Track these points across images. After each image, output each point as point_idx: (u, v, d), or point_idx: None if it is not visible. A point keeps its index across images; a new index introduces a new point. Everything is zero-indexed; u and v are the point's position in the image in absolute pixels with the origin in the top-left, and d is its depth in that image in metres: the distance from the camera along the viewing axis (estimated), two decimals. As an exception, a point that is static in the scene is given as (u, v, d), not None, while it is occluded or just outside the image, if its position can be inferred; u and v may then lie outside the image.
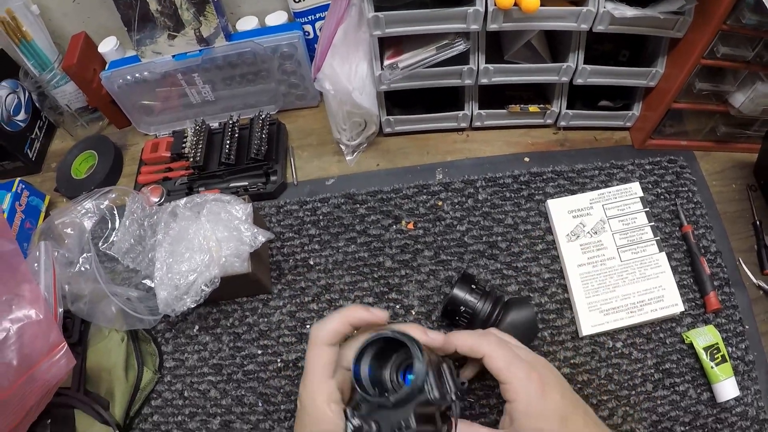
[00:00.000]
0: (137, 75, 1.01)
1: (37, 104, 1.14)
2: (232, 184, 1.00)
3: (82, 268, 0.85)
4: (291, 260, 0.94)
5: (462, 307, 0.77)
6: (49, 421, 0.78)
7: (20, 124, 1.12)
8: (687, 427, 0.77)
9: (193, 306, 0.79)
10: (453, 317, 0.79)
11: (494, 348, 0.65)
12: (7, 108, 1.09)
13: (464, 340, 0.66)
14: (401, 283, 0.89)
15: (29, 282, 0.75)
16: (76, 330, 0.85)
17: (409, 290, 0.88)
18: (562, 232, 0.89)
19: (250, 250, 0.81)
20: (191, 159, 0.99)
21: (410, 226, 0.94)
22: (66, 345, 0.73)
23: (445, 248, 0.92)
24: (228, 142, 0.99)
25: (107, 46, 1.06)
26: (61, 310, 0.80)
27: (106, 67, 1.05)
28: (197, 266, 0.79)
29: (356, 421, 0.55)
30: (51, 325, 0.74)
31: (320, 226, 0.96)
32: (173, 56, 1.00)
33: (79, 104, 1.13)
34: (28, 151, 1.13)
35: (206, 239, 0.80)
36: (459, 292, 0.78)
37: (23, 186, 1.04)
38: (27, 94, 1.14)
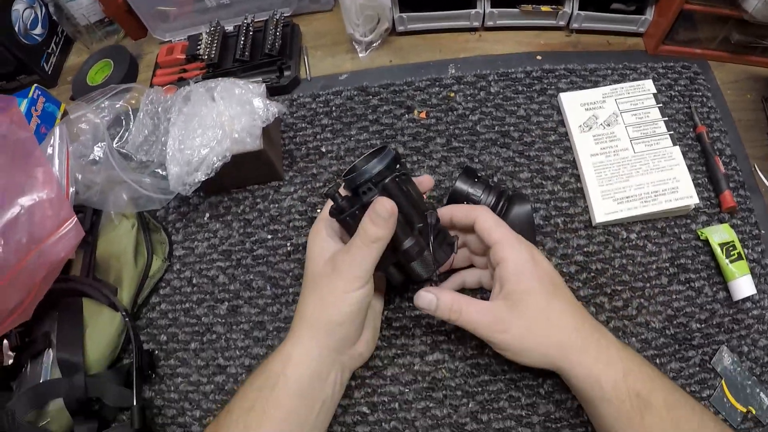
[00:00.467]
0: (153, -21, 1.02)
1: (54, 17, 1.14)
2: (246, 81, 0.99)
3: (96, 157, 0.85)
4: (303, 148, 0.93)
5: (465, 201, 0.76)
6: (58, 312, 0.78)
7: (37, 38, 1.12)
8: (703, 325, 0.76)
9: (204, 179, 0.79)
10: None
11: (486, 213, 0.67)
12: (24, 22, 1.08)
13: (459, 208, 0.70)
14: (413, 169, 0.89)
15: (43, 165, 0.76)
16: (87, 220, 0.85)
17: (421, 175, 0.87)
18: (574, 124, 0.88)
19: (263, 125, 0.80)
20: (206, 58, 0.99)
21: (422, 115, 0.93)
22: (75, 218, 0.74)
23: (457, 136, 0.91)
24: (242, 40, 0.99)
25: (123, -49, 1.06)
26: (73, 189, 0.80)
27: (123, -28, 1.05)
28: (209, 141, 0.79)
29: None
30: (62, 203, 0.75)
31: (333, 117, 0.96)
32: (189, -45, 1.00)
33: (96, 17, 1.13)
34: (45, 64, 1.13)
35: (219, 115, 0.80)
36: (462, 185, 0.77)
37: (39, 92, 1.03)
38: (44, 8, 1.13)
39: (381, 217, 0.59)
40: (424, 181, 0.71)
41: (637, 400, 0.58)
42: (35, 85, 1.04)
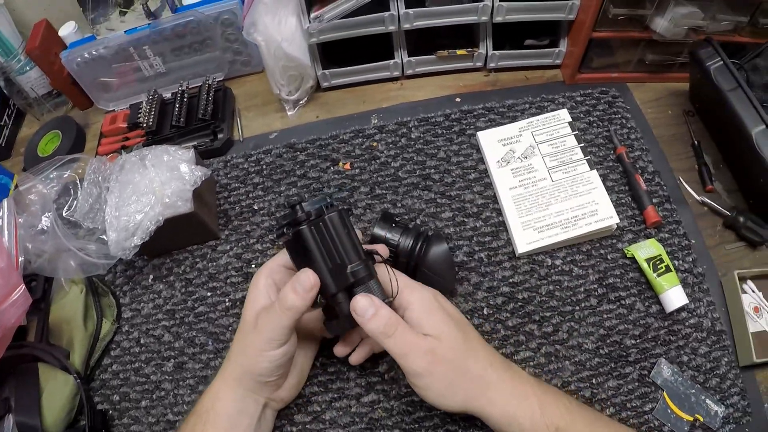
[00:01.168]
0: (94, 52, 1.05)
1: (5, 91, 1.18)
2: (183, 145, 1.02)
3: (44, 227, 0.89)
4: (237, 207, 0.97)
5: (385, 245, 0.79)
6: (15, 377, 0.81)
7: (-10, 112, 1.17)
8: (638, 340, 0.78)
9: (140, 243, 0.82)
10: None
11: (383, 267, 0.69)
12: (-24, 97, 1.14)
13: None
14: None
15: None
16: (39, 287, 0.89)
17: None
18: (493, 160, 0.91)
19: (192, 188, 0.84)
20: (145, 126, 1.03)
21: (347, 166, 0.97)
22: (23, 286, 0.78)
23: (380, 184, 0.94)
24: (178, 106, 1.04)
25: (67, 30, 1.11)
26: (22, 258, 0.84)
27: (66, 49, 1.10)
28: (143, 207, 0.82)
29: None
30: (11, 271, 0.78)
31: (263, 175, 0.99)
32: (125, 31, 1.04)
33: (44, 89, 1.18)
34: (-2, 137, 1.19)
35: (151, 181, 0.83)
36: (379, 231, 0.79)
37: (-8, 165, 1.08)
38: (-5, 83, 1.19)
39: (302, 287, 0.63)
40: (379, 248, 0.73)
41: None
42: (-13, 159, 1.08)
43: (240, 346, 0.69)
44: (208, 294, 0.91)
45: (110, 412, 0.84)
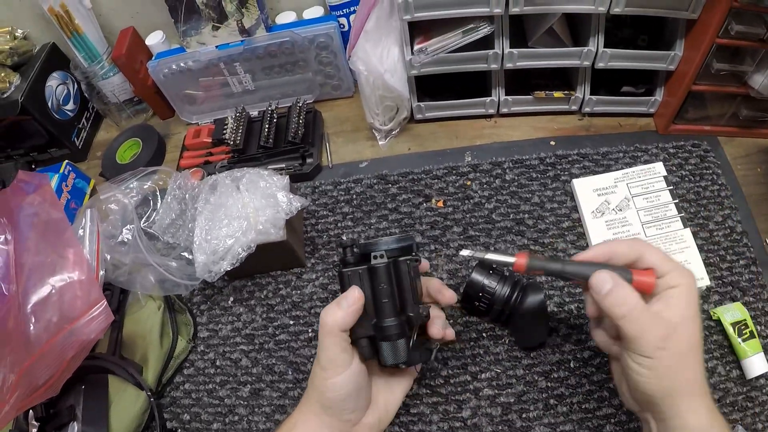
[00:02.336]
0: (182, 64, 1.05)
1: (85, 94, 1.18)
2: (270, 167, 1.00)
3: (125, 239, 0.88)
4: (324, 236, 0.95)
5: (480, 293, 0.77)
6: (83, 386, 0.80)
7: (69, 113, 1.17)
8: (717, 404, 0.71)
9: (229, 269, 0.81)
10: (472, 302, 0.79)
11: (653, 248, 0.61)
12: (57, 97, 1.14)
13: (621, 243, 0.62)
14: (430, 258, 0.90)
15: (74, 246, 0.79)
16: (115, 299, 0.88)
17: (438, 264, 0.89)
18: (587, 210, 0.89)
19: (286, 217, 0.82)
20: (231, 143, 1.02)
21: (440, 204, 0.95)
22: (105, 302, 0.77)
23: (473, 225, 0.92)
24: (267, 126, 1.02)
25: (154, 39, 1.10)
26: (102, 272, 0.84)
27: (153, 58, 1.09)
28: (235, 231, 0.81)
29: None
30: (92, 285, 0.77)
31: (353, 205, 0.97)
32: (217, 46, 1.03)
33: (125, 96, 1.18)
34: (75, 139, 1.18)
35: (244, 206, 0.82)
36: (477, 276, 0.78)
37: (70, 168, 1.08)
38: (76, 85, 1.18)
39: (347, 301, 0.63)
40: (433, 284, 0.73)
41: None
42: (66, 161, 1.08)
43: (311, 377, 0.68)
44: (291, 322, 0.89)
45: (179, 431, 0.83)
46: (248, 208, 0.83)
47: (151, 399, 0.81)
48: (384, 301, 0.65)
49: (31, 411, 0.79)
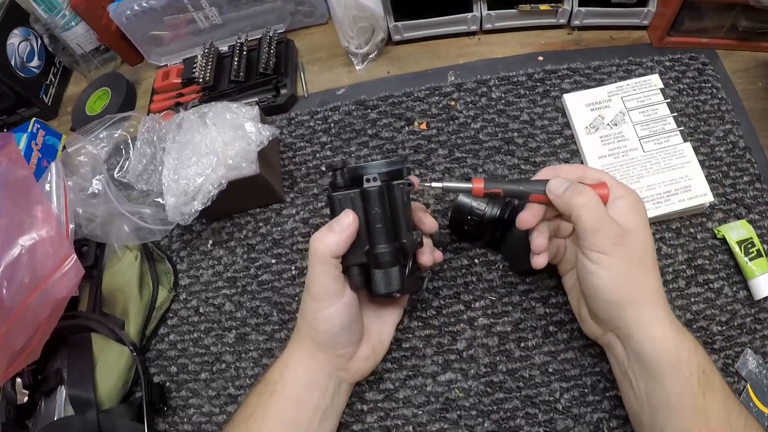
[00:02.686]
0: (144, 4, 0.97)
1: (50, 48, 1.11)
2: (243, 102, 0.95)
3: (95, 190, 0.84)
4: (303, 168, 0.89)
5: (469, 215, 0.72)
6: (66, 348, 0.77)
7: (34, 70, 1.09)
8: (724, 327, 0.71)
9: (201, 208, 0.75)
10: (461, 226, 0.74)
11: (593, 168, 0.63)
12: (20, 55, 1.06)
13: (565, 167, 0.64)
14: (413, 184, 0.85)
15: (42, 203, 0.74)
16: (91, 253, 0.83)
17: (423, 189, 0.83)
18: (580, 126, 0.83)
19: (257, 149, 0.76)
20: (201, 81, 0.96)
21: (423, 126, 0.89)
22: (75, 256, 0.72)
23: (459, 146, 0.86)
24: (237, 60, 0.96)
25: (114, -19, 1.03)
26: (72, 226, 0.79)
27: (113, 1, 1.01)
28: (204, 169, 0.76)
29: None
30: (62, 240, 0.73)
31: (331, 134, 0.92)
32: (178, -22, 0.96)
33: (91, 45, 1.10)
34: (44, 96, 1.11)
35: (212, 141, 0.76)
36: (464, 198, 0.73)
37: (39, 125, 1.01)
38: (39, 40, 1.11)
39: (340, 225, 0.60)
40: (415, 211, 0.68)
41: (704, 377, 0.53)
42: (34, 119, 1.02)
43: (300, 311, 0.65)
44: (273, 261, 0.84)
45: (167, 384, 0.79)
46: (216, 143, 0.77)
47: (134, 354, 0.76)
48: (377, 226, 0.61)
49: (18, 379, 0.75)
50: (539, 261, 0.63)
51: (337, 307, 0.61)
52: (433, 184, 0.63)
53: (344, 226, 0.59)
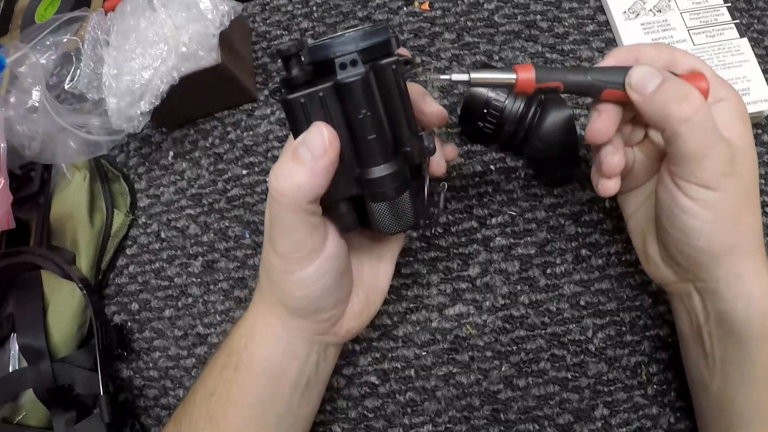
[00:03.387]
0: None
1: (-6, -50, 0.97)
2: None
3: (35, 104, 0.70)
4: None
5: (485, 109, 0.57)
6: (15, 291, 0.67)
7: (-21, -22, 0.95)
8: None
9: (148, 109, 0.61)
10: (475, 123, 0.59)
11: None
12: (-41, -39, 0.92)
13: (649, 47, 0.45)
14: (417, 74, 0.70)
15: None
16: (37, 178, 0.72)
17: (425, 79, 0.67)
18: (617, 10, 0.68)
19: (217, 32, 0.61)
20: (159, -37, 0.81)
21: (425, 6, 0.73)
22: (4, 181, 0.62)
23: (470, 29, 0.70)
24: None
25: None
26: (3, 145, 0.66)
27: None
28: (152, 61, 0.60)
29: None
30: None
31: (313, 18, 0.76)
32: None
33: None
34: (-9, 10, 0.96)
35: (161, 25, 0.61)
36: (479, 89, 0.57)
37: (-20, 40, 0.88)
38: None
39: (308, 150, 0.38)
40: (428, 108, 0.48)
41: None
42: (-24, 34, 0.88)
43: (262, 269, 0.47)
44: (244, 172, 0.70)
45: (129, 324, 0.68)
46: (166, 28, 0.62)
47: (83, 292, 0.65)
48: (369, 137, 0.40)
49: None
50: (610, 187, 0.45)
51: (318, 265, 0.43)
52: (453, 77, 0.42)
53: (318, 151, 0.38)
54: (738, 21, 0.67)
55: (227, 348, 0.48)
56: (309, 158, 0.38)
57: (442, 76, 0.41)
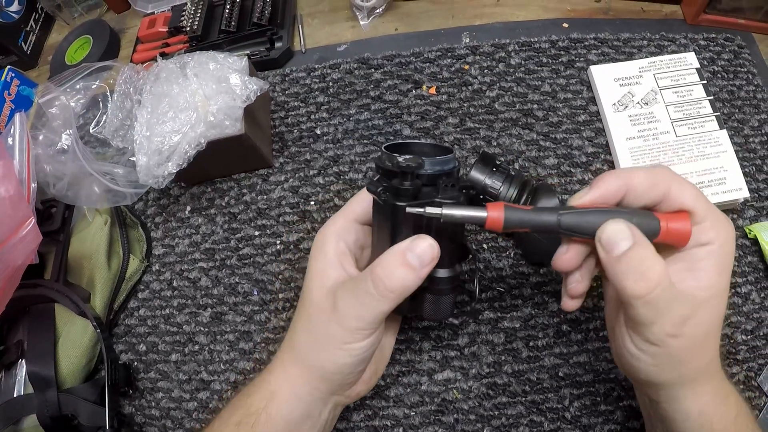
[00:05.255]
0: (134, -55, 0.84)
1: (30, -8, 0.98)
2: (233, 54, 0.82)
3: (64, 146, 0.71)
4: (295, 131, 0.77)
5: (481, 195, 0.60)
6: (28, 320, 0.67)
7: (13, 15, 0.95)
8: (749, 336, 0.60)
9: (175, 170, 0.63)
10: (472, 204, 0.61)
11: (686, 184, 0.42)
12: (-2, -2, 0.93)
13: (639, 173, 0.42)
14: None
15: (3, 158, 0.63)
16: (59, 216, 0.72)
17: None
18: (607, 101, 0.70)
19: (243, 105, 0.63)
20: (188, 29, 0.82)
21: (432, 90, 0.76)
22: (33, 219, 0.62)
23: (472, 115, 0.73)
24: (229, 8, 0.82)
25: None
26: (34, 185, 0.67)
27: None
28: (181, 126, 0.63)
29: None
30: (21, 201, 0.62)
31: (329, 94, 0.78)
32: None
33: (76, -11, 0.98)
34: (23, 44, 0.97)
35: (192, 94, 0.63)
36: (478, 175, 0.60)
37: (13, 74, 0.89)
38: (20, -18, 0.98)
39: (420, 260, 0.42)
40: None
41: None
42: (8, 66, 0.90)
43: (307, 334, 0.48)
44: (256, 233, 0.72)
45: (135, 363, 0.69)
46: (197, 97, 0.64)
47: (97, 330, 0.66)
48: (443, 245, 0.44)
49: None
50: (571, 306, 0.47)
51: (371, 339, 0.45)
52: (427, 210, 0.41)
53: (427, 261, 0.42)
54: (719, 113, 0.69)
55: (245, 407, 0.48)
56: (418, 266, 0.42)
57: (416, 210, 0.42)
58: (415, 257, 0.42)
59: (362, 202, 0.50)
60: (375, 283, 0.42)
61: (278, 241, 0.70)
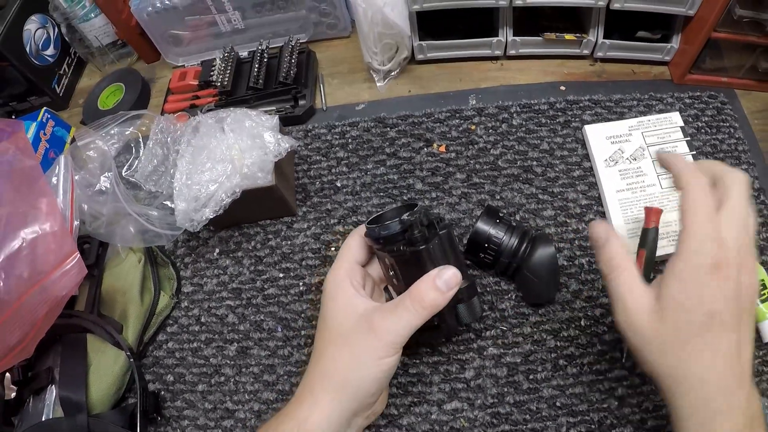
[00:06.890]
0: (167, 2, 0.92)
1: (66, 38, 1.07)
2: (261, 109, 0.90)
3: (103, 188, 0.78)
4: (317, 182, 0.85)
5: (486, 243, 0.68)
6: (61, 347, 0.73)
7: (48, 59, 1.05)
8: None
9: (212, 216, 0.71)
10: (477, 254, 0.70)
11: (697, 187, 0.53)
12: (36, 42, 1.01)
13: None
14: (432, 206, 0.81)
15: (47, 196, 0.70)
16: (93, 252, 0.78)
17: (439, 213, 0.80)
18: (599, 158, 0.79)
19: (275, 160, 0.72)
20: (218, 85, 0.91)
21: (442, 149, 0.85)
22: (78, 255, 0.67)
23: (477, 171, 0.82)
24: (257, 67, 0.91)
25: (137, -24, 0.99)
26: (77, 223, 0.74)
27: (136, -4, 0.97)
28: (218, 176, 0.71)
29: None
30: (65, 236, 0.68)
31: (349, 149, 0.87)
32: (203, -20, 0.92)
33: (108, 39, 1.06)
34: (56, 86, 1.06)
35: (229, 148, 0.72)
36: (483, 226, 0.68)
37: (49, 115, 0.97)
38: (56, 29, 1.06)
39: (447, 285, 0.54)
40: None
41: None
42: (45, 108, 0.97)
43: (345, 355, 0.55)
44: (281, 275, 0.79)
45: (162, 393, 0.75)
46: (233, 150, 0.73)
47: (131, 359, 0.72)
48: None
49: (7, 374, 0.71)
50: None
51: (399, 354, 0.55)
52: None
53: (453, 285, 0.55)
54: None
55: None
56: (446, 289, 0.54)
57: None
58: (443, 282, 0.54)
59: (357, 248, 0.61)
60: (413, 301, 0.53)
61: (301, 283, 0.78)
